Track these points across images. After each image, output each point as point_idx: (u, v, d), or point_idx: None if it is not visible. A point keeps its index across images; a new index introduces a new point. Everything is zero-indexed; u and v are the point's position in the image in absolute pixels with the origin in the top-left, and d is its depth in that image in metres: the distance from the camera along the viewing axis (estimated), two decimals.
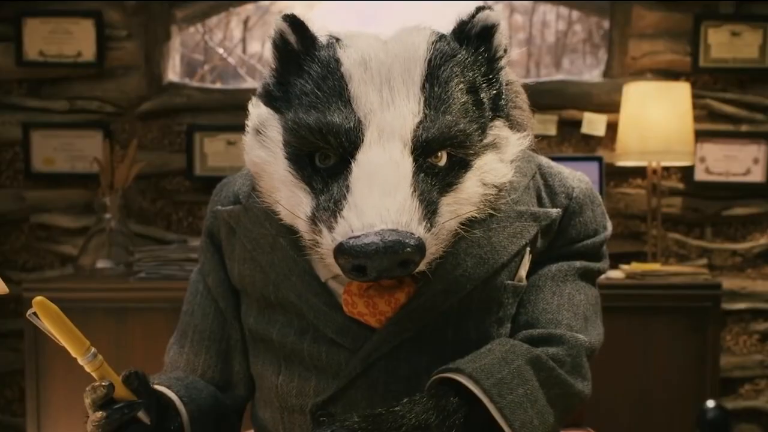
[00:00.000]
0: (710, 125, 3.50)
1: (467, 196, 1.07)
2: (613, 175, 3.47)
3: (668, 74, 3.51)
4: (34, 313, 0.98)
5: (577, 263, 1.24)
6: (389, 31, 1.16)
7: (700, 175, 3.49)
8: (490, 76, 1.14)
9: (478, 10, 1.14)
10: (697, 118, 3.41)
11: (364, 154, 1.02)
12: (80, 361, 1.01)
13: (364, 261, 0.94)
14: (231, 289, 1.30)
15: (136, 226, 3.44)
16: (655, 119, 3.12)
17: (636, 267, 3.01)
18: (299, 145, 1.08)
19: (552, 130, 3.48)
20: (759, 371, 3.45)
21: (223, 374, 1.29)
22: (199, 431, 1.15)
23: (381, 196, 0.97)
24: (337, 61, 1.09)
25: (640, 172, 3.45)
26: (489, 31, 1.14)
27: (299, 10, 1.23)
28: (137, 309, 2.78)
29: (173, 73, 3.63)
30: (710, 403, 0.55)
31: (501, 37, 1.15)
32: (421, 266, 1.00)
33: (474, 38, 1.14)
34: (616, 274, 3.02)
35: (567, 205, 1.23)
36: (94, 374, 1.02)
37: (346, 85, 1.07)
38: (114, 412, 1.01)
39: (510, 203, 1.16)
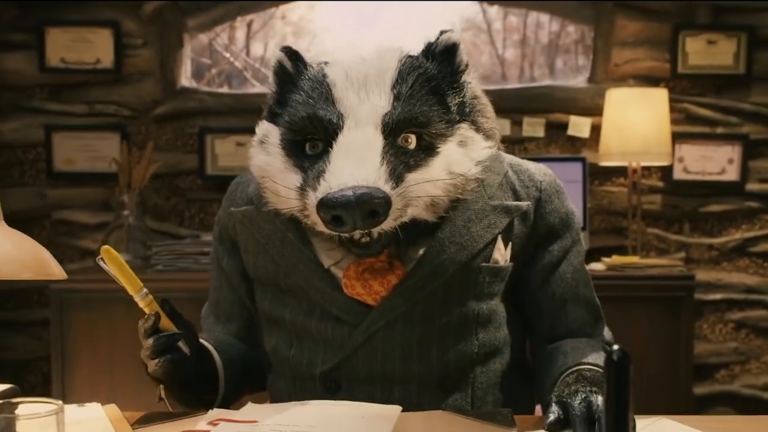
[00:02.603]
0: (688, 127, 3.57)
1: (432, 177, 1.22)
2: (596, 174, 3.55)
3: (648, 80, 3.58)
4: (101, 259, 1.18)
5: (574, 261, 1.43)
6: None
7: (678, 174, 3.57)
8: (455, 85, 1.30)
9: (441, 32, 1.31)
10: (675, 121, 3.48)
11: (342, 137, 1.19)
12: (135, 298, 1.21)
13: (340, 211, 1.09)
14: (245, 275, 1.46)
15: (152, 222, 3.52)
16: (635, 122, 3.21)
17: (616, 260, 3.11)
18: (293, 135, 1.25)
19: (540, 132, 3.56)
20: (734, 357, 3.55)
21: (250, 336, 1.48)
22: (230, 375, 1.35)
23: (355, 164, 1.14)
24: (324, 75, 1.27)
25: (621, 171, 3.52)
26: (451, 49, 1.31)
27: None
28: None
29: (185, 78, 3.71)
30: (615, 347, 0.66)
31: (462, 54, 1.32)
32: (389, 223, 1.15)
33: (438, 55, 1.30)
34: (598, 266, 3.13)
35: (538, 197, 1.39)
36: (145, 309, 1.22)
37: (331, 91, 1.24)
38: (159, 338, 1.21)
39: (486, 199, 1.32)
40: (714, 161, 3.59)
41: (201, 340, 1.33)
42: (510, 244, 1.36)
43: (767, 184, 3.61)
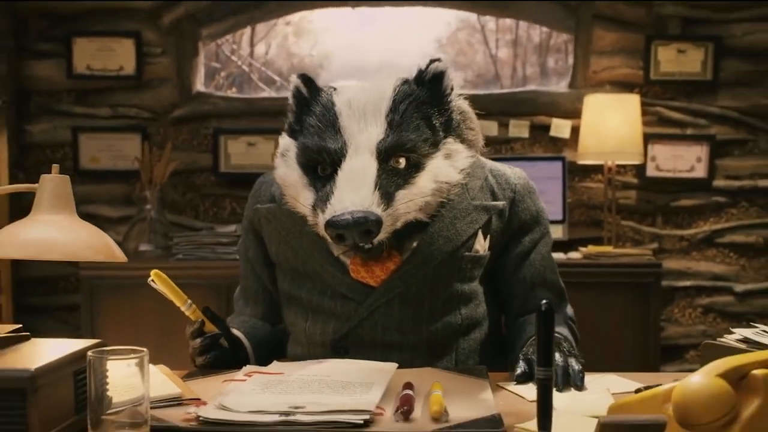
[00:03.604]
0: (660, 129, 3.75)
1: (420, 189, 1.45)
2: (576, 172, 3.73)
3: (624, 86, 3.75)
4: (153, 280, 1.41)
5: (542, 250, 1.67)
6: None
7: (651, 172, 3.74)
8: (441, 107, 1.53)
9: (431, 62, 1.54)
10: (648, 123, 3.67)
11: (345, 164, 1.43)
12: (182, 309, 1.44)
13: (342, 231, 1.34)
14: (267, 262, 1.70)
15: (169, 215, 3.69)
16: (610, 125, 3.41)
17: (591, 249, 3.33)
18: (306, 161, 1.50)
19: (525, 133, 3.75)
20: (702, 339, 3.69)
21: (272, 315, 1.73)
22: (257, 355, 1.59)
23: (354, 190, 1.38)
24: (332, 103, 1.50)
25: (598, 169, 3.72)
26: (438, 76, 1.53)
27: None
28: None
29: (200, 84, 3.88)
30: (544, 302, 0.82)
31: (448, 80, 1.54)
32: (382, 236, 1.39)
33: (428, 82, 1.53)
34: (575, 255, 3.34)
35: (513, 197, 1.63)
36: (191, 316, 1.45)
37: (337, 119, 1.48)
38: (205, 339, 1.46)
39: (469, 200, 1.57)
40: (684, 160, 3.75)
41: (234, 331, 1.56)
42: (488, 236, 1.60)
43: (733, 180, 3.77)
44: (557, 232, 3.47)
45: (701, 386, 0.89)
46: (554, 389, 1.11)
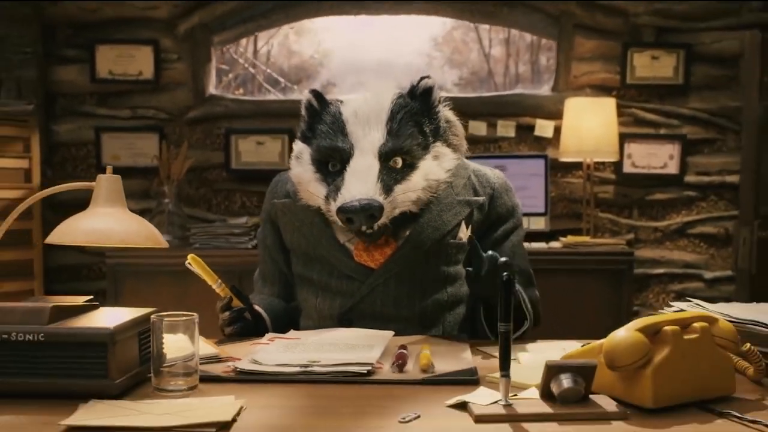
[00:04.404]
0: (635, 129, 3.92)
1: (414, 185, 1.69)
2: (558, 168, 3.92)
3: (602, 89, 3.92)
4: (189, 263, 1.66)
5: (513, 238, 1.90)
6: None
7: (627, 168, 3.92)
8: (431, 117, 1.77)
9: (422, 78, 1.78)
10: (624, 124, 3.86)
11: (353, 162, 1.68)
12: (213, 287, 1.69)
13: (351, 215, 1.59)
14: (282, 248, 1.94)
15: (184, 208, 3.86)
16: (588, 126, 3.61)
17: (570, 239, 3.54)
18: (320, 158, 1.74)
19: (511, 133, 3.94)
20: None
21: (287, 294, 1.96)
22: (275, 327, 1.82)
23: (360, 183, 1.63)
24: (340, 113, 1.75)
25: (579, 166, 3.91)
26: (428, 91, 1.77)
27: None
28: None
29: (213, 87, 4.05)
30: (505, 273, 0.96)
31: (436, 93, 1.78)
32: (383, 219, 1.63)
33: (419, 96, 1.78)
34: (556, 244, 3.55)
35: (492, 194, 1.87)
36: (220, 294, 1.70)
37: (345, 126, 1.73)
38: (232, 313, 1.71)
39: (454, 195, 1.81)
40: (657, 157, 3.92)
41: (255, 307, 1.79)
42: (470, 226, 1.84)
43: (703, 176, 3.95)
44: (540, 224, 3.70)
45: (624, 338, 1.15)
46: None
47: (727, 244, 3.99)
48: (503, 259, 1.54)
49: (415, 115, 1.76)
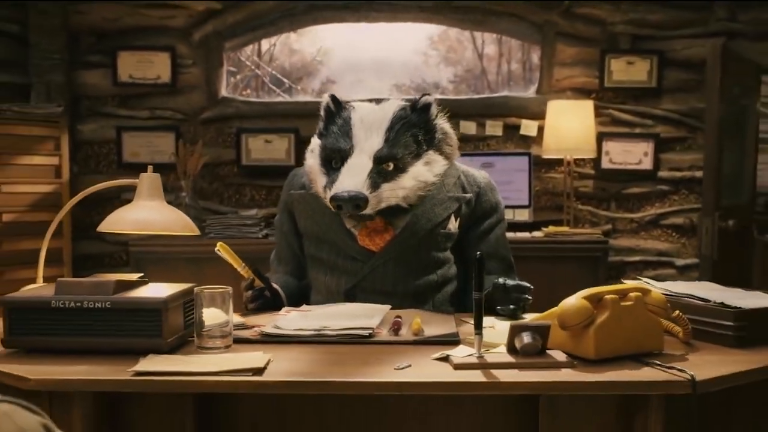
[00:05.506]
0: (613, 128, 4.09)
1: (401, 185, 1.92)
2: (542, 164, 4.09)
3: (582, 92, 4.10)
4: (218, 250, 1.90)
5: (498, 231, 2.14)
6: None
7: (605, 164, 4.09)
8: (427, 128, 2.00)
9: (422, 95, 2.02)
10: (602, 123, 4.04)
11: (350, 161, 1.91)
12: (238, 269, 1.93)
13: (340, 203, 1.83)
14: (296, 233, 2.17)
15: (199, 201, 3.99)
16: (568, 126, 3.81)
17: (551, 229, 3.72)
18: (325, 155, 1.98)
19: (499, 132, 4.12)
20: None
21: (299, 273, 2.19)
22: (290, 302, 2.05)
23: (352, 178, 1.87)
24: (350, 117, 1.99)
25: (560, 162, 4.07)
26: (426, 106, 2.01)
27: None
28: (209, 259, 3.32)
29: (225, 90, 4.22)
30: (478, 252, 1.16)
31: (433, 108, 2.01)
32: (369, 210, 1.86)
33: (418, 110, 2.01)
34: (538, 234, 3.74)
35: (478, 192, 2.11)
36: (244, 275, 1.94)
37: (351, 129, 1.96)
38: (255, 291, 1.95)
39: (445, 192, 2.05)
40: (633, 154, 4.09)
41: (273, 285, 2.01)
42: (458, 219, 2.08)
43: (675, 172, 4.13)
44: (524, 215, 3.93)
45: (572, 304, 1.42)
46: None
47: (695, 233, 4.17)
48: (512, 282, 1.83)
49: (412, 127, 1.98)
